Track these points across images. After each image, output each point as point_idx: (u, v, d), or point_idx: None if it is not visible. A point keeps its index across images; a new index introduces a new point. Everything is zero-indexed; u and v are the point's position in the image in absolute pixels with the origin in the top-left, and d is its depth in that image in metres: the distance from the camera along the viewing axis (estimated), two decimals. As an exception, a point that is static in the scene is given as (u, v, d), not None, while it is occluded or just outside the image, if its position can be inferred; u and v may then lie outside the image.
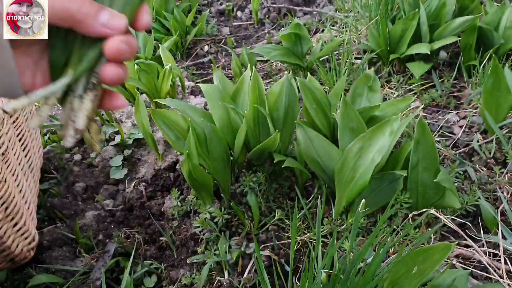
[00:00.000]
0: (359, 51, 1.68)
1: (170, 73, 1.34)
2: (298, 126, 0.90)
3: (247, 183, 0.96)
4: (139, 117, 1.10)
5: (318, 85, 1.07)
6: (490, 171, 1.06)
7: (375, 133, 0.84)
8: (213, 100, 1.00)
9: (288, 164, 0.89)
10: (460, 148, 1.18)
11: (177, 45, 1.82)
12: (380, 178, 0.87)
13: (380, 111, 1.03)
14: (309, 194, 1.02)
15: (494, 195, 0.99)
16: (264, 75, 1.67)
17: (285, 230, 0.93)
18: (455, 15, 1.56)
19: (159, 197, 1.09)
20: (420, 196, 0.89)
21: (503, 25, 1.41)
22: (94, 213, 1.04)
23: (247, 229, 0.93)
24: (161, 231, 0.96)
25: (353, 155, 0.85)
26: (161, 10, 1.93)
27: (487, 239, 0.87)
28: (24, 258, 0.87)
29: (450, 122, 1.28)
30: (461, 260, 0.84)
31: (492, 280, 0.79)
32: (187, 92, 1.53)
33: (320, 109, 0.99)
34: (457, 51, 1.59)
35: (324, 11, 2.06)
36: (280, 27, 2.05)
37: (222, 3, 2.32)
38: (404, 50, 1.49)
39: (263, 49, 1.56)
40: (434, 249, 0.65)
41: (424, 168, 0.88)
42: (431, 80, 1.47)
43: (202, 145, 0.92)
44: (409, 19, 1.45)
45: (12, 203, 0.79)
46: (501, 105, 1.12)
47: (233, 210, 0.97)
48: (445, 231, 0.91)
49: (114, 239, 0.93)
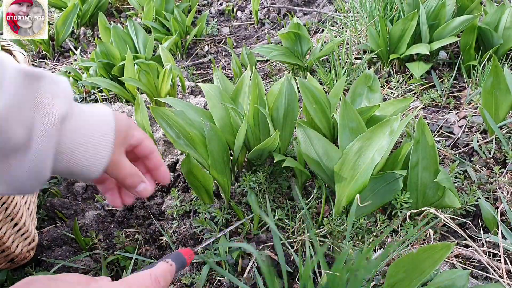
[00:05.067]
0: (359, 51, 1.68)
1: (170, 73, 1.34)
2: (298, 126, 0.90)
3: (247, 183, 0.96)
4: (139, 117, 1.10)
5: (318, 85, 1.07)
6: (490, 171, 1.06)
7: (375, 133, 0.84)
8: (213, 100, 1.01)
9: (288, 164, 0.89)
10: (460, 148, 1.18)
11: (177, 45, 1.82)
12: (380, 178, 0.87)
13: (380, 111, 1.03)
14: (309, 194, 1.02)
15: (494, 195, 0.99)
16: (264, 75, 1.67)
17: (285, 230, 0.93)
18: (454, 15, 1.56)
19: (159, 197, 1.09)
20: (420, 196, 0.89)
21: (502, 25, 1.41)
22: (94, 213, 1.04)
23: (247, 229, 0.93)
24: (161, 230, 0.96)
25: (353, 155, 0.85)
26: (161, 10, 1.93)
27: (487, 239, 0.88)
28: (24, 258, 0.87)
29: (450, 122, 1.29)
30: (461, 260, 0.84)
31: (492, 280, 0.79)
32: (187, 92, 1.53)
33: (320, 109, 0.99)
34: (456, 51, 1.59)
35: (324, 11, 2.06)
36: (280, 27, 2.05)
37: (222, 3, 2.32)
38: (403, 50, 1.49)
39: (263, 49, 1.56)
40: (434, 249, 0.65)
41: (424, 168, 0.88)
42: (430, 80, 1.47)
43: (202, 144, 0.92)
44: (409, 19, 1.45)
45: (12, 204, 0.79)
46: (501, 105, 1.13)
47: (233, 210, 0.97)
48: (445, 231, 0.91)
49: (114, 239, 0.93)
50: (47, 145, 0.59)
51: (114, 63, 1.51)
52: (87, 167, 0.64)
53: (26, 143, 0.57)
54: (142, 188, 0.73)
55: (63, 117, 0.60)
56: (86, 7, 2.03)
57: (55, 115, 0.59)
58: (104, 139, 0.65)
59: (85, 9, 2.03)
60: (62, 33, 1.92)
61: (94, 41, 2.01)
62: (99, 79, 1.43)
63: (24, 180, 0.59)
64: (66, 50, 1.96)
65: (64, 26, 1.92)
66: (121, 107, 1.37)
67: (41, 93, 0.59)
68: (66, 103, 0.62)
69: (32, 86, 0.58)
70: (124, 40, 1.58)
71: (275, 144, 0.91)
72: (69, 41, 1.97)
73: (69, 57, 1.91)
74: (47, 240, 0.95)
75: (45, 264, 0.90)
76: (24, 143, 0.57)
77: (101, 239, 0.96)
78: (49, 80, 0.60)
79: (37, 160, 0.59)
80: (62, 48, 1.97)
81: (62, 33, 1.92)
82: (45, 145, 0.59)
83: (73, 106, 0.63)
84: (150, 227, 0.99)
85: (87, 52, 1.94)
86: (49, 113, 0.59)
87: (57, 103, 0.60)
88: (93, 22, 2.10)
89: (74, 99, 0.63)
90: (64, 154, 0.62)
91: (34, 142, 0.58)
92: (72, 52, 1.90)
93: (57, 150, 0.61)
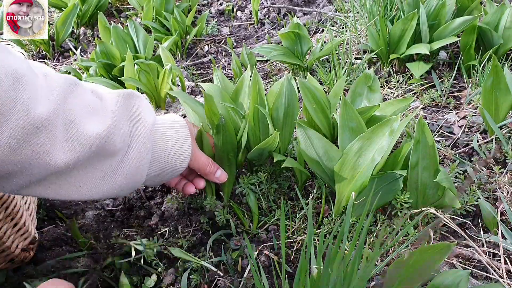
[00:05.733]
0: (359, 51, 1.68)
1: (170, 73, 1.34)
2: (298, 126, 0.90)
3: (247, 183, 0.96)
4: (139, 117, 1.10)
5: (318, 85, 1.07)
6: (490, 171, 1.06)
7: (375, 133, 0.84)
8: (214, 99, 1.00)
9: (287, 164, 0.89)
10: (460, 148, 1.18)
11: (177, 45, 1.82)
12: (380, 178, 0.87)
13: (380, 111, 1.03)
14: (309, 194, 1.02)
15: (494, 195, 0.99)
16: (264, 75, 1.67)
17: (285, 230, 0.93)
18: (454, 15, 1.56)
19: (159, 197, 1.09)
20: (420, 196, 0.89)
21: (502, 25, 1.41)
22: (94, 213, 1.04)
23: (247, 229, 0.93)
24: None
25: (353, 155, 0.85)
26: (161, 10, 1.93)
27: (487, 239, 0.88)
28: (24, 258, 0.87)
29: (450, 122, 1.29)
30: (461, 260, 0.84)
31: (492, 280, 0.79)
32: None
33: (320, 109, 0.99)
34: (456, 51, 1.59)
35: (324, 11, 2.06)
36: (280, 27, 2.05)
37: (222, 3, 2.32)
38: (403, 50, 1.49)
39: (263, 49, 1.56)
40: (434, 249, 0.65)
41: (424, 168, 0.88)
42: (430, 80, 1.47)
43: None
44: (409, 19, 1.45)
45: (12, 203, 0.79)
46: (501, 105, 1.13)
47: (233, 210, 0.97)
48: (445, 231, 0.91)
49: (113, 239, 0.93)
50: (145, 146, 0.72)
51: (114, 63, 1.51)
52: (177, 162, 0.78)
53: (126, 148, 0.70)
54: (219, 174, 0.88)
55: (153, 124, 0.74)
56: (86, 7, 2.03)
57: (148, 122, 0.73)
58: (184, 135, 0.80)
59: (85, 9, 2.03)
60: (62, 33, 1.92)
61: (94, 41, 2.01)
62: (99, 79, 1.43)
63: (123, 180, 0.70)
64: (66, 50, 1.96)
65: (64, 26, 1.92)
66: (121, 107, 1.37)
67: (135, 108, 0.73)
68: (153, 113, 0.76)
69: (129, 103, 0.73)
70: (124, 40, 1.58)
71: (275, 144, 0.90)
72: (69, 41, 1.97)
73: (69, 57, 1.91)
74: (47, 240, 0.95)
75: (45, 264, 0.90)
76: (124, 148, 0.69)
77: (101, 239, 0.96)
78: (137, 96, 0.75)
79: (136, 160, 0.71)
80: (62, 48, 1.97)
81: (62, 33, 1.92)
82: (144, 146, 0.72)
83: (155, 115, 0.78)
84: (150, 227, 0.99)
85: (87, 52, 1.94)
86: (143, 121, 0.73)
87: (148, 113, 0.75)
88: (93, 22, 2.10)
89: None
90: (157, 155, 0.76)
91: (135, 145, 0.71)
92: (72, 52, 1.90)
93: (152, 151, 0.74)
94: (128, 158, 0.70)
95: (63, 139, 0.59)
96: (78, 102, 0.63)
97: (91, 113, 0.64)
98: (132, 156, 0.70)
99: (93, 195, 0.68)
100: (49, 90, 0.59)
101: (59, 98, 0.60)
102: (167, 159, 0.77)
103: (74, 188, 0.65)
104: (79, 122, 0.62)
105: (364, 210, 0.63)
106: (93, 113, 0.65)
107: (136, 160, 0.71)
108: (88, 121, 0.63)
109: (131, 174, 0.71)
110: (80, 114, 0.62)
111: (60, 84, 0.62)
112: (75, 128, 0.61)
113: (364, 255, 0.63)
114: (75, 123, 0.61)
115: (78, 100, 0.63)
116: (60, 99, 0.60)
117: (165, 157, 0.77)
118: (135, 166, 0.71)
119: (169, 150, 0.77)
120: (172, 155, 0.78)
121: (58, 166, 0.59)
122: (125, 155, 0.70)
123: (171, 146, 0.78)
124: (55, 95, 0.59)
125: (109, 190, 0.69)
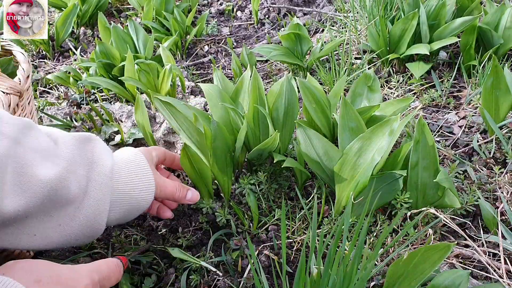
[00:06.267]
0: (359, 51, 1.68)
1: (170, 73, 1.34)
2: (298, 126, 0.90)
3: (246, 183, 0.96)
4: (139, 117, 1.10)
5: (318, 85, 1.07)
6: (490, 171, 1.06)
7: (375, 133, 0.84)
8: (214, 99, 1.00)
9: (287, 164, 0.89)
10: (460, 148, 1.18)
11: (177, 45, 1.82)
12: (379, 178, 0.87)
13: (380, 111, 1.03)
14: (309, 194, 1.02)
15: (494, 195, 0.99)
16: (264, 75, 1.67)
17: (285, 230, 0.93)
18: (454, 15, 1.56)
19: (159, 197, 1.09)
20: (420, 196, 0.89)
21: (502, 25, 1.41)
22: (94, 213, 1.04)
23: (247, 229, 0.93)
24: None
25: (353, 155, 0.85)
26: (161, 10, 1.93)
27: (487, 239, 0.88)
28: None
29: (450, 122, 1.29)
30: (461, 260, 0.84)
31: (492, 280, 0.79)
32: (187, 92, 1.53)
33: (320, 109, 0.99)
34: (456, 51, 1.59)
35: (324, 11, 2.07)
36: (280, 27, 2.05)
37: (222, 3, 2.32)
38: (403, 50, 1.49)
39: (263, 49, 1.56)
40: (434, 249, 0.65)
41: (424, 168, 0.88)
42: (430, 80, 1.47)
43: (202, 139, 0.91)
44: (409, 19, 1.45)
45: (12, 203, 0.79)
46: (501, 105, 1.13)
47: (233, 210, 0.97)
48: (445, 231, 0.91)
49: (112, 238, 0.93)
50: (103, 192, 0.69)
51: (114, 63, 1.51)
52: (140, 200, 0.75)
53: (83, 195, 0.67)
54: (190, 196, 0.85)
55: (111, 168, 0.71)
56: (86, 7, 2.03)
57: (106, 166, 0.71)
58: (144, 170, 0.76)
59: (85, 9, 2.03)
60: (62, 33, 1.92)
61: (94, 41, 2.01)
62: (99, 79, 1.43)
63: (80, 229, 0.68)
64: (66, 50, 1.96)
65: (64, 26, 1.92)
66: (121, 107, 1.37)
67: (92, 151, 0.70)
68: (110, 156, 0.74)
69: (85, 146, 0.70)
70: (124, 40, 1.58)
71: (275, 144, 0.90)
72: (69, 41, 1.97)
73: (69, 57, 1.91)
74: (47, 240, 0.95)
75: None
76: (81, 194, 0.66)
77: (100, 239, 0.96)
78: (94, 139, 0.73)
79: (94, 208, 0.68)
80: (62, 48, 1.97)
81: (62, 33, 1.92)
82: (101, 193, 0.69)
83: (113, 158, 0.75)
84: (150, 227, 0.99)
85: (87, 52, 1.94)
86: (100, 165, 0.70)
87: (105, 157, 0.72)
88: (93, 22, 2.10)
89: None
90: (120, 198, 0.73)
91: (92, 192, 0.68)
92: (72, 52, 1.90)
93: (112, 198, 0.71)
94: (85, 205, 0.67)
95: (13, 182, 0.56)
96: (32, 146, 0.61)
97: (44, 157, 0.61)
98: (90, 203, 0.67)
99: (47, 244, 0.65)
100: (1, 132, 0.57)
101: (11, 140, 0.57)
102: (130, 200, 0.74)
103: (27, 237, 0.62)
104: (31, 166, 0.59)
105: (364, 210, 0.62)
106: (47, 156, 0.62)
107: (93, 208, 0.67)
108: (40, 165, 0.60)
109: (89, 222, 0.67)
110: (32, 157, 0.59)
111: (13, 126, 0.59)
112: (25, 172, 0.58)
113: (364, 255, 0.63)
114: (26, 166, 0.58)
115: (31, 143, 0.61)
116: (13, 141, 0.57)
117: (129, 198, 0.74)
118: (93, 214, 0.67)
119: (131, 192, 0.74)
120: (136, 195, 0.74)
121: (7, 213, 0.56)
122: (82, 202, 0.66)
123: (133, 187, 0.74)
124: (7, 137, 0.57)
125: (65, 240, 0.66)
